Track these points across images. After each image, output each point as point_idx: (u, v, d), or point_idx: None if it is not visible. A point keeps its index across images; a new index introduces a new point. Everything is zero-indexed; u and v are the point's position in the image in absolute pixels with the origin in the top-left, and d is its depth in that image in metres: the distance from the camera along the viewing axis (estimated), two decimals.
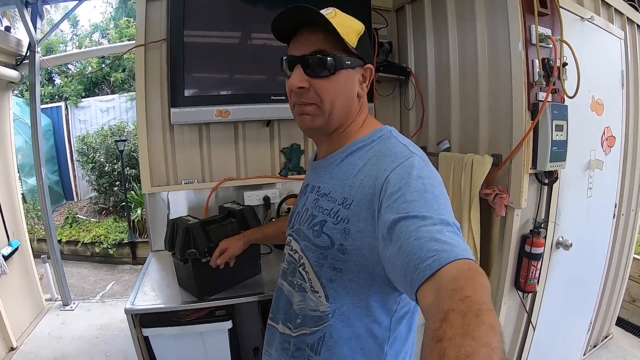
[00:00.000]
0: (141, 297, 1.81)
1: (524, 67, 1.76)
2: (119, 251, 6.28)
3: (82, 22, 10.27)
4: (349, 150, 1.01)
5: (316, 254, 0.97)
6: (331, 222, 0.94)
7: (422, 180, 0.82)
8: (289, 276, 1.10)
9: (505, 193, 1.85)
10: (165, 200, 2.41)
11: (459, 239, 0.71)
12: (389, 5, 2.70)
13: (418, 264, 0.66)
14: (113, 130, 7.57)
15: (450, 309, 0.56)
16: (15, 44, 3.35)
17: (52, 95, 8.60)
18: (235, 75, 2.31)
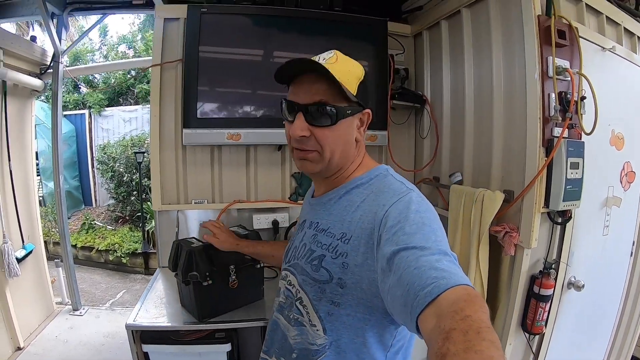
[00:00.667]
0: (143, 313, 1.87)
1: (539, 101, 1.72)
2: (132, 260, 6.40)
3: (110, 32, 10.65)
4: (348, 187, 1.06)
5: (314, 288, 1.00)
6: (330, 256, 0.97)
7: (420, 214, 0.87)
8: (285, 310, 1.12)
9: (515, 232, 1.81)
10: (175, 218, 2.46)
11: (456, 268, 0.75)
12: (407, 32, 2.71)
13: (418, 291, 0.70)
14: (134, 141, 7.77)
15: (452, 328, 0.59)
16: (40, 54, 3.55)
17: (76, 102, 8.92)
18: (247, 99, 2.37)
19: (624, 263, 2.40)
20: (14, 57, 3.24)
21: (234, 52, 2.34)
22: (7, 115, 3.26)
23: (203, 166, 2.47)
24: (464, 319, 0.60)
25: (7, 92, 3.23)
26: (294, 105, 1.01)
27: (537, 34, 1.73)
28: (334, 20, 2.42)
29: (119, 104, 9.30)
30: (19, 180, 3.43)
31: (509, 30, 1.93)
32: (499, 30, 1.99)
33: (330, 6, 2.44)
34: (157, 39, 2.36)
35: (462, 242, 2.02)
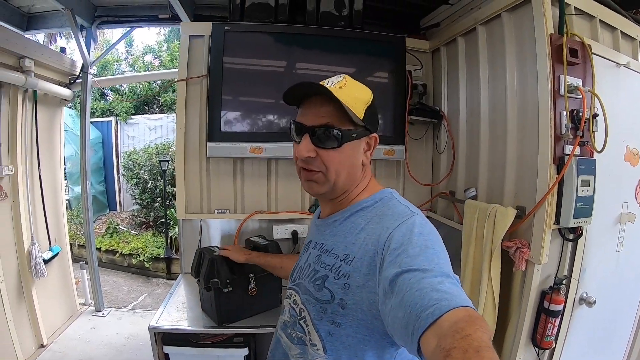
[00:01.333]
0: (166, 316, 2.01)
1: (551, 119, 1.78)
2: (154, 265, 6.55)
3: (136, 42, 10.92)
4: (353, 210, 1.09)
5: (316, 307, 1.03)
6: (332, 277, 1.01)
7: (424, 237, 0.90)
8: (288, 329, 1.15)
9: (526, 247, 1.87)
10: (198, 226, 2.59)
11: (459, 290, 0.78)
12: (425, 47, 2.80)
13: (420, 312, 0.72)
14: (159, 149, 7.99)
15: (452, 347, 0.62)
16: (69, 65, 3.75)
17: (103, 109, 9.19)
18: (269, 113, 2.50)
19: (638, 280, 2.40)
20: (44, 68, 3.43)
21: (256, 67, 2.49)
22: (38, 123, 3.46)
23: (226, 177, 2.60)
24: (464, 338, 0.63)
25: (37, 100, 3.43)
26: (301, 127, 1.06)
27: (549, 52, 1.79)
28: (353, 38, 2.53)
29: (145, 112, 9.59)
30: (47, 185, 3.63)
31: (522, 48, 2.00)
32: (513, 48, 2.07)
33: (350, 23, 2.55)
34: (183, 55, 2.52)
35: (475, 256, 2.09)
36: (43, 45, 3.86)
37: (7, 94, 3.12)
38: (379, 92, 2.48)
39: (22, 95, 3.26)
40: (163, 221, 7.14)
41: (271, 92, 2.49)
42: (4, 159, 3.08)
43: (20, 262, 3.26)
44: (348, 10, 2.56)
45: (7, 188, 3.14)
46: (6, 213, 3.15)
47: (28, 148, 3.39)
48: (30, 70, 3.17)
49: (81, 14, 3.29)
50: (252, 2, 2.49)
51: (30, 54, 3.20)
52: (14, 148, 3.20)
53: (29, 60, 3.17)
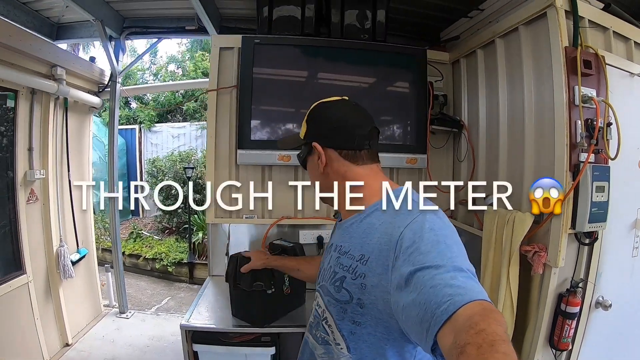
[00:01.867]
0: (196, 315, 2.14)
1: (566, 128, 1.88)
2: (177, 269, 6.71)
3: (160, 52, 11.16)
4: (368, 212, 1.13)
5: (337, 308, 1.08)
6: (350, 277, 1.05)
7: (434, 232, 0.93)
8: (313, 329, 1.22)
9: (543, 251, 1.95)
10: (227, 231, 2.73)
11: (472, 283, 0.79)
12: (445, 59, 2.92)
13: (434, 309, 0.74)
14: (182, 156, 8.20)
15: (466, 342, 0.63)
16: (98, 74, 3.93)
17: (127, 117, 9.45)
18: (296, 122, 2.60)
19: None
20: (75, 76, 3.62)
21: (284, 78, 2.65)
22: (68, 129, 3.65)
23: (255, 184, 2.67)
24: (478, 333, 0.64)
25: (68, 108, 3.62)
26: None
27: (564, 64, 1.89)
28: (377, 50, 2.67)
29: (168, 121, 9.83)
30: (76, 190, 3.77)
31: (539, 60, 2.10)
32: (529, 60, 2.17)
33: (373, 36, 2.70)
34: (213, 66, 2.69)
35: (494, 261, 2.17)
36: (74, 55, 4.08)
37: (40, 101, 3.28)
38: (400, 102, 2.67)
39: (54, 102, 3.43)
40: (186, 227, 7.32)
41: (298, 101, 2.63)
42: (35, 164, 3.23)
43: (49, 263, 3.41)
44: (371, 23, 2.69)
45: (38, 191, 3.30)
46: (37, 215, 3.31)
47: (58, 153, 3.57)
48: (62, 79, 3.35)
49: (110, 25, 3.48)
50: (279, 15, 2.64)
51: (61, 62, 3.37)
52: (45, 153, 3.36)
53: (61, 68, 3.34)
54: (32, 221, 3.23)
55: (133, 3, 3.43)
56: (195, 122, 9.31)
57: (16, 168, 3.07)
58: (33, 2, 3.40)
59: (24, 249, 3.11)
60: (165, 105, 9.43)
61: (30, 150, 3.19)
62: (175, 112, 9.75)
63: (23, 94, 3.10)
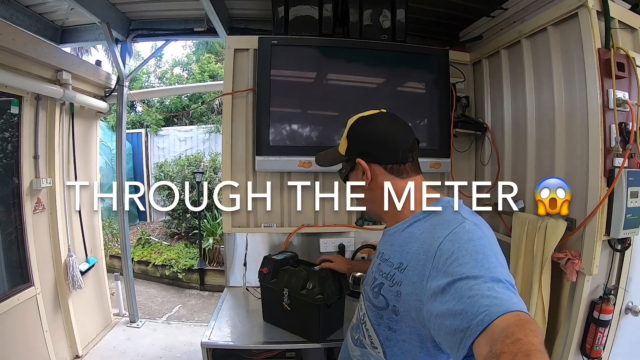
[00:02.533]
0: (216, 332, 2.06)
1: (601, 133, 1.84)
2: (187, 276, 6.67)
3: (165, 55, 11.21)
4: (411, 221, 1.16)
5: (374, 313, 1.12)
6: (387, 284, 1.08)
7: (473, 242, 0.94)
8: (353, 330, 1.28)
9: (577, 258, 1.93)
10: (244, 240, 2.69)
11: (510, 294, 0.80)
12: (466, 59, 2.88)
13: (471, 320, 0.76)
14: (190, 160, 8.20)
15: (501, 352, 0.65)
16: (105, 78, 3.91)
17: (133, 121, 9.45)
18: (318, 126, 2.60)
19: None
20: (81, 81, 3.60)
21: (303, 80, 2.61)
22: (75, 135, 3.62)
23: (273, 191, 2.66)
24: (514, 343, 0.65)
25: (74, 113, 3.59)
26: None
27: (597, 67, 1.86)
28: (397, 50, 2.64)
29: (175, 124, 9.85)
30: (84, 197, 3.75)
31: (569, 61, 2.07)
32: (559, 61, 2.14)
33: (393, 36, 2.66)
34: (227, 69, 2.64)
35: (524, 269, 2.15)
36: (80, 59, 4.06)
37: (45, 106, 3.26)
38: (422, 105, 2.65)
39: (60, 107, 3.41)
40: (195, 232, 7.31)
41: (318, 104, 2.61)
42: (42, 172, 3.20)
43: (57, 274, 3.39)
44: (390, 23, 2.66)
45: (45, 200, 3.27)
46: (44, 225, 3.28)
47: (65, 160, 3.53)
48: (68, 83, 3.33)
49: (116, 27, 3.45)
50: (295, 15, 2.60)
51: (67, 67, 3.35)
52: (51, 161, 3.35)
53: (67, 73, 3.32)
54: (39, 231, 3.20)
55: (140, 4, 3.40)
56: (203, 125, 9.32)
57: (22, 177, 3.04)
58: (37, 5, 3.37)
59: (31, 261, 3.08)
60: (171, 108, 9.44)
61: (36, 158, 3.17)
62: (182, 116, 9.76)
63: (28, 100, 3.08)
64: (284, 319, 2.06)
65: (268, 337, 2.05)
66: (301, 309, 1.96)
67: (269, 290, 2.08)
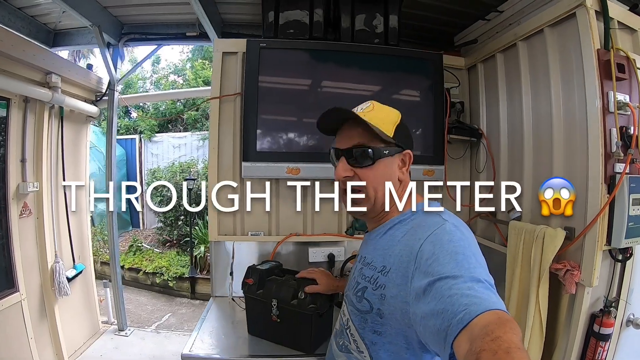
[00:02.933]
0: (199, 344, 1.96)
1: (601, 137, 1.77)
2: (178, 284, 6.62)
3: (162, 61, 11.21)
4: (392, 223, 1.17)
5: (359, 317, 1.12)
6: (371, 288, 1.09)
7: (453, 243, 0.96)
8: (337, 337, 1.27)
9: (576, 269, 1.84)
10: (231, 249, 2.59)
11: (489, 293, 0.81)
12: (461, 64, 2.82)
13: (451, 319, 0.76)
14: (183, 167, 8.19)
15: (481, 349, 0.65)
16: (95, 82, 3.85)
17: (127, 127, 9.45)
18: (306, 132, 2.51)
19: None
20: (71, 84, 3.54)
21: (292, 84, 2.53)
22: (64, 139, 3.55)
23: (260, 198, 2.59)
24: (494, 340, 0.66)
25: (63, 117, 3.53)
26: (337, 151, 1.20)
27: (597, 68, 1.79)
28: (390, 55, 2.57)
29: (169, 130, 9.84)
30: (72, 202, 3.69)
31: (567, 63, 2.00)
32: (556, 63, 2.07)
33: (386, 40, 2.59)
34: (215, 72, 2.56)
35: (521, 280, 2.06)
36: (70, 62, 3.99)
37: (34, 109, 3.21)
38: (415, 111, 2.55)
39: (49, 111, 3.36)
40: (187, 239, 7.27)
41: (307, 110, 2.52)
42: (29, 176, 3.14)
43: (43, 280, 3.32)
44: (383, 27, 2.60)
45: (31, 205, 3.22)
46: (30, 230, 3.22)
47: (54, 165, 3.48)
48: (57, 87, 3.27)
49: (108, 31, 3.40)
50: (286, 20, 2.53)
51: (57, 70, 3.29)
52: (39, 164, 3.28)
53: (56, 76, 3.27)
54: (25, 236, 3.14)
55: (132, 8, 3.35)
56: (197, 132, 9.32)
57: (8, 180, 2.98)
58: (29, 7, 3.32)
59: (17, 266, 3.01)
60: (166, 114, 9.45)
61: (23, 162, 3.11)
62: (176, 122, 9.77)
63: (15, 103, 3.02)
64: (272, 331, 1.97)
65: (253, 350, 1.95)
66: (291, 319, 1.88)
67: (255, 301, 1.98)
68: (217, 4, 2.95)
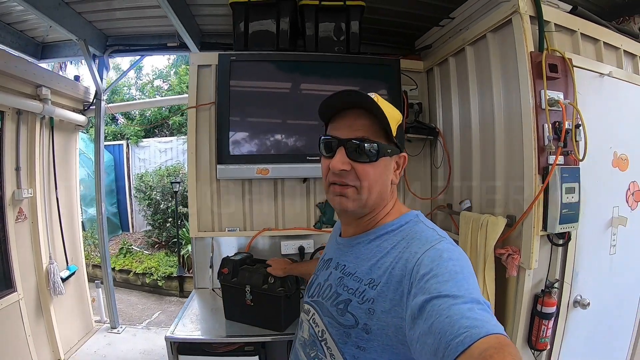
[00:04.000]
0: (181, 328, 2.16)
1: (533, 132, 1.92)
2: (167, 283, 6.72)
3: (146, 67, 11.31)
4: (378, 233, 1.09)
5: (340, 331, 1.02)
6: (356, 301, 1.00)
7: (453, 262, 0.89)
8: (307, 347, 1.15)
9: (517, 253, 1.98)
10: (210, 244, 2.76)
11: (489, 316, 0.77)
12: (420, 67, 2.97)
13: (450, 340, 0.72)
14: (170, 170, 8.27)
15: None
16: (83, 92, 4.00)
17: (114, 133, 9.56)
18: (274, 137, 2.66)
19: (636, 282, 2.48)
20: (60, 95, 3.68)
21: (261, 93, 2.68)
22: (55, 147, 3.69)
23: (235, 197, 2.78)
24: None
25: (54, 127, 3.67)
26: (335, 140, 1.06)
27: (529, 69, 1.94)
28: (351, 62, 2.72)
29: (155, 135, 9.94)
30: (64, 207, 3.86)
31: (506, 65, 2.15)
32: (498, 66, 2.22)
33: (347, 47, 2.75)
34: (192, 84, 2.74)
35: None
36: (58, 74, 4.12)
37: (26, 121, 3.34)
38: None
39: (40, 122, 3.49)
40: (175, 241, 7.36)
41: (276, 114, 2.69)
42: (23, 183, 3.28)
43: (39, 280, 3.46)
44: (345, 35, 2.75)
45: (26, 210, 3.35)
46: (26, 234, 3.36)
47: (46, 172, 3.61)
48: (47, 98, 3.40)
49: (93, 43, 3.53)
50: (255, 30, 2.68)
51: (46, 82, 3.43)
52: (32, 172, 3.42)
53: (46, 88, 3.39)
54: (21, 240, 3.27)
55: (116, 22, 3.47)
56: (182, 137, 9.34)
57: (4, 188, 3.11)
58: (18, 22, 3.46)
59: (14, 267, 3.15)
60: (151, 120, 9.51)
61: (17, 170, 3.25)
62: (162, 127, 9.85)
63: (9, 115, 3.16)
64: (246, 314, 2.18)
65: (229, 331, 2.15)
66: (263, 302, 2.11)
67: (230, 289, 2.19)
68: (195, 16, 3.07)
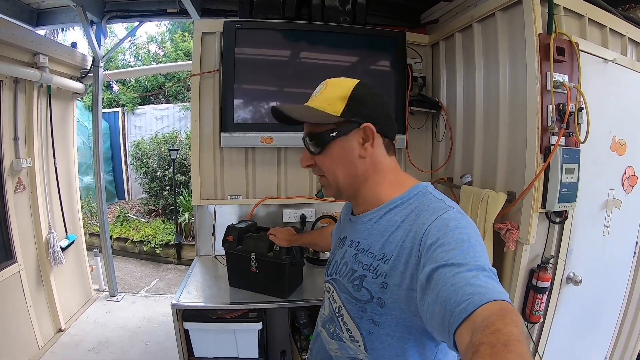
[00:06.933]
0: (185, 295, 2.25)
1: (538, 112, 1.99)
2: (165, 251, 6.86)
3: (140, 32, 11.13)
4: (388, 207, 1.09)
5: (356, 307, 1.06)
6: (370, 276, 1.03)
7: (459, 230, 0.91)
8: (327, 324, 1.21)
9: (515, 229, 2.09)
10: (212, 212, 2.86)
11: (494, 283, 0.78)
12: (425, 41, 3.02)
13: (454, 308, 0.74)
14: (166, 138, 8.33)
15: (481, 342, 0.63)
16: (80, 59, 3.99)
17: (110, 100, 9.49)
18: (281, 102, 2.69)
19: (627, 263, 2.61)
20: (57, 63, 3.68)
21: (266, 61, 2.73)
22: (52, 116, 3.73)
23: (238, 165, 2.86)
24: (494, 333, 0.63)
25: (51, 95, 3.70)
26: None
27: (537, 51, 1.99)
28: (356, 33, 2.77)
29: (151, 103, 9.89)
30: (62, 176, 3.92)
31: (514, 45, 2.21)
32: (505, 45, 2.28)
33: (353, 18, 2.80)
34: (196, 51, 2.76)
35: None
36: (56, 41, 4.07)
37: (23, 89, 3.36)
38: (381, 84, 2.77)
39: (37, 90, 3.51)
40: (172, 208, 7.47)
41: (280, 83, 2.74)
42: (21, 152, 3.32)
43: (39, 250, 3.54)
44: (352, 5, 2.79)
45: (25, 180, 3.41)
46: (25, 204, 3.42)
47: (44, 141, 3.66)
48: (45, 66, 3.41)
49: (91, 9, 3.51)
50: None
51: (43, 50, 3.42)
52: (30, 141, 3.46)
53: (43, 56, 3.40)
54: (20, 210, 3.33)
55: None
56: (179, 104, 9.37)
57: (2, 158, 3.15)
58: None
59: (14, 238, 3.21)
60: (147, 87, 9.47)
61: (15, 140, 3.28)
62: (158, 94, 9.78)
63: (7, 84, 3.17)
64: (251, 282, 2.28)
65: (234, 298, 2.25)
66: (268, 270, 2.20)
67: (235, 256, 2.28)
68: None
